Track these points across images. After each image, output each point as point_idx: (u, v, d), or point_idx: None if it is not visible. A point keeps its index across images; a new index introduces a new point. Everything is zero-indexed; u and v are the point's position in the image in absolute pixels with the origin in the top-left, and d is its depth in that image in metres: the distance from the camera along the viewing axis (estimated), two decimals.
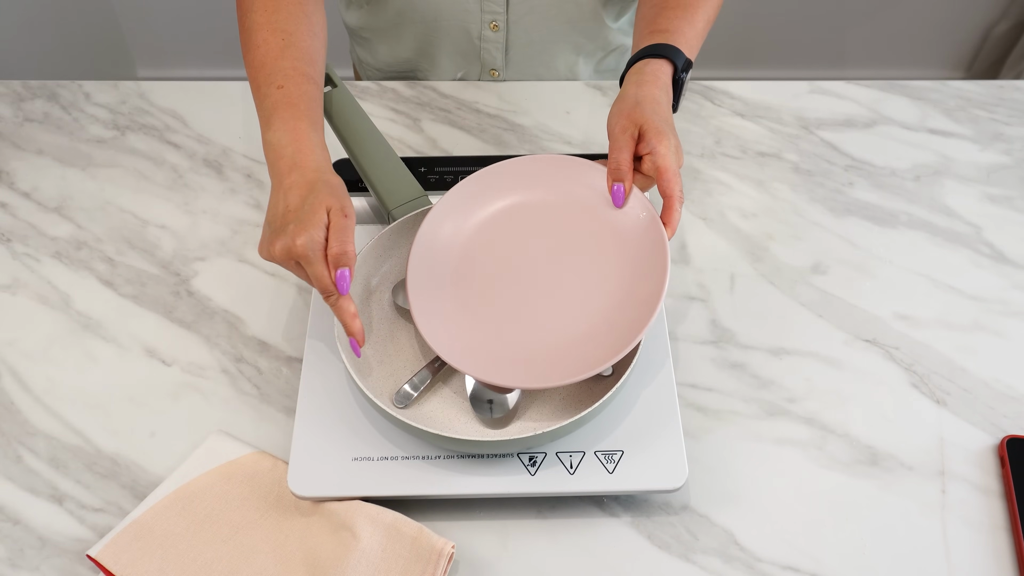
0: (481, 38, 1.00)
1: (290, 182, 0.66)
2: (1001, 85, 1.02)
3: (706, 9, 0.79)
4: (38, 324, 0.79)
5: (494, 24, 0.98)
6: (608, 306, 0.68)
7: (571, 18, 0.99)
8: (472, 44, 1.01)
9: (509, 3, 0.96)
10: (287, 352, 0.77)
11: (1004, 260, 0.85)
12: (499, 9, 0.97)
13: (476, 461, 0.66)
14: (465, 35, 1.00)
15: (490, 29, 0.99)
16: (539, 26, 0.99)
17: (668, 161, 0.67)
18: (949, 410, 0.74)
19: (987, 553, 0.66)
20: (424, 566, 0.62)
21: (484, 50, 1.01)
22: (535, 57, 1.03)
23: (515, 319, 0.69)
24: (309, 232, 0.62)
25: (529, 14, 0.98)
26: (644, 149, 0.69)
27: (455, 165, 0.86)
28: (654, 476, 0.65)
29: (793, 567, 0.65)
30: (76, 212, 0.87)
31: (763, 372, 0.76)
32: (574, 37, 1.01)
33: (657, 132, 0.68)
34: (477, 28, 0.99)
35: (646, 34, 0.77)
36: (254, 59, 0.72)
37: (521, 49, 1.02)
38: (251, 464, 0.68)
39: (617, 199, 0.70)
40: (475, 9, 0.97)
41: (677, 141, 0.69)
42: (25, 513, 0.67)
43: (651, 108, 0.70)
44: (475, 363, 0.67)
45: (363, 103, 0.96)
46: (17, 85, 0.99)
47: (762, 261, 0.84)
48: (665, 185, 0.67)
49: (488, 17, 0.98)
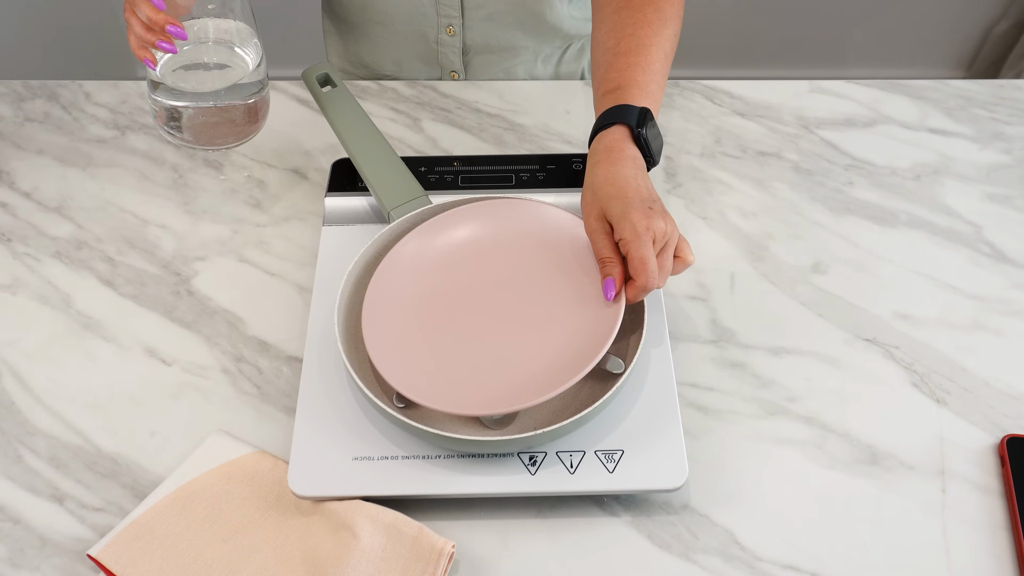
0: (438, 42, 1.00)
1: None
2: (1001, 85, 1.02)
3: (660, 44, 0.75)
4: (38, 324, 0.79)
5: (450, 28, 0.98)
6: (567, 331, 0.68)
7: (526, 24, 0.99)
8: (430, 47, 1.02)
9: (464, 8, 0.97)
10: (287, 352, 0.77)
11: (1004, 260, 0.85)
12: (455, 13, 0.97)
13: (476, 461, 0.66)
14: (422, 38, 1.01)
15: (446, 33, 0.99)
16: (495, 32, 1.00)
17: (632, 247, 0.64)
18: (949, 409, 0.74)
19: (987, 552, 0.66)
20: (424, 566, 0.62)
21: (442, 54, 1.02)
22: (496, 63, 1.04)
23: (473, 348, 0.69)
24: None
25: (486, 20, 0.98)
26: (616, 237, 0.67)
27: (455, 165, 0.86)
28: (654, 476, 0.65)
29: (793, 566, 0.65)
30: (76, 212, 0.87)
31: (763, 372, 0.76)
32: (530, 42, 1.02)
33: (618, 218, 0.65)
34: (434, 32, 1.00)
35: (599, 95, 0.74)
36: None
37: (478, 54, 1.02)
38: (251, 464, 0.68)
39: (608, 292, 0.66)
40: (431, 13, 0.97)
41: (647, 209, 0.65)
42: (25, 513, 0.67)
43: (607, 192, 0.67)
44: (428, 394, 0.65)
45: (363, 103, 0.96)
46: (17, 85, 0.99)
47: (762, 261, 0.84)
48: (632, 270, 0.65)
49: (444, 21, 0.98)
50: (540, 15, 0.98)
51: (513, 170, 0.86)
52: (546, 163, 0.87)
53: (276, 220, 0.87)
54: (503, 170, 0.86)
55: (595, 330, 0.66)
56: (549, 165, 0.86)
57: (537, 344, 0.68)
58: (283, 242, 0.85)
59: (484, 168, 0.86)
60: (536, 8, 0.97)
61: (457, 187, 0.84)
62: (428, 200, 0.78)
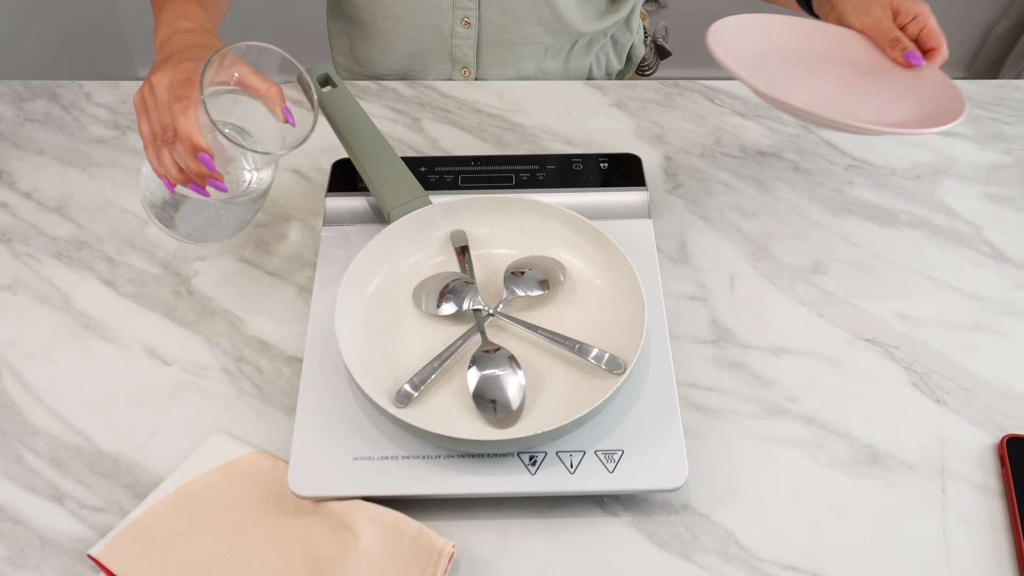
0: (453, 35, 1.00)
1: (184, 28, 0.71)
2: (1001, 85, 1.02)
3: None
4: (39, 324, 0.79)
5: (466, 20, 0.99)
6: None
7: (540, 17, 1.00)
8: (444, 41, 1.01)
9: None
10: (287, 352, 0.77)
11: (1004, 260, 0.85)
12: (471, 5, 0.97)
13: (476, 461, 0.66)
14: (437, 32, 1.01)
15: (462, 25, 0.99)
16: (508, 25, 1.00)
17: (930, 20, 0.81)
18: (949, 409, 0.74)
19: (987, 552, 0.66)
20: (424, 565, 0.62)
21: (456, 47, 1.02)
22: (505, 58, 1.04)
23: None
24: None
25: (500, 13, 0.99)
26: (905, 19, 0.81)
27: (455, 165, 0.87)
28: (654, 476, 0.65)
29: (793, 566, 0.65)
30: (77, 212, 0.87)
31: (763, 372, 0.76)
32: (542, 35, 1.02)
33: (911, 2, 0.82)
34: (449, 25, 1.00)
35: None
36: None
37: (492, 49, 1.03)
38: (251, 464, 0.68)
39: (915, 59, 0.80)
40: (447, 5, 0.98)
41: None
42: (26, 513, 0.67)
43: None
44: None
45: (363, 103, 0.96)
46: (18, 85, 0.99)
47: (762, 261, 0.84)
48: (935, 40, 0.80)
49: (460, 13, 0.98)
50: (554, 7, 0.98)
51: (513, 170, 0.86)
52: (546, 163, 0.87)
53: (276, 220, 0.87)
54: (503, 170, 0.86)
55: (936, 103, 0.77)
56: (549, 165, 0.86)
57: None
58: (283, 242, 0.85)
59: (484, 168, 0.86)
60: (550, 1, 0.98)
61: (457, 187, 0.84)
62: (428, 200, 0.78)
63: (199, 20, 0.74)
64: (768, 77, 0.78)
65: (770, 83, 0.74)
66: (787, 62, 0.82)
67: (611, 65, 1.13)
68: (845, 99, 0.80)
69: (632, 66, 1.17)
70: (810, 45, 0.84)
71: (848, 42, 0.84)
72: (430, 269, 0.78)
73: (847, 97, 0.80)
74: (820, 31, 0.85)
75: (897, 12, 0.82)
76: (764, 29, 0.83)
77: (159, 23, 0.75)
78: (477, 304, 0.73)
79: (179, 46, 0.70)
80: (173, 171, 0.67)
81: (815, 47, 0.84)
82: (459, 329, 0.73)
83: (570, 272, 0.77)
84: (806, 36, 0.85)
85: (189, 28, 0.73)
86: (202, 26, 0.74)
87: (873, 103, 0.80)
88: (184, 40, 0.71)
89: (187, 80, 0.65)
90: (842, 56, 0.84)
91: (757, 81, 0.73)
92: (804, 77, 0.81)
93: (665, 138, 0.95)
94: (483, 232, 0.80)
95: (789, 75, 0.81)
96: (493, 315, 0.73)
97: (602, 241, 0.76)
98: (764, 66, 0.80)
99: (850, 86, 0.81)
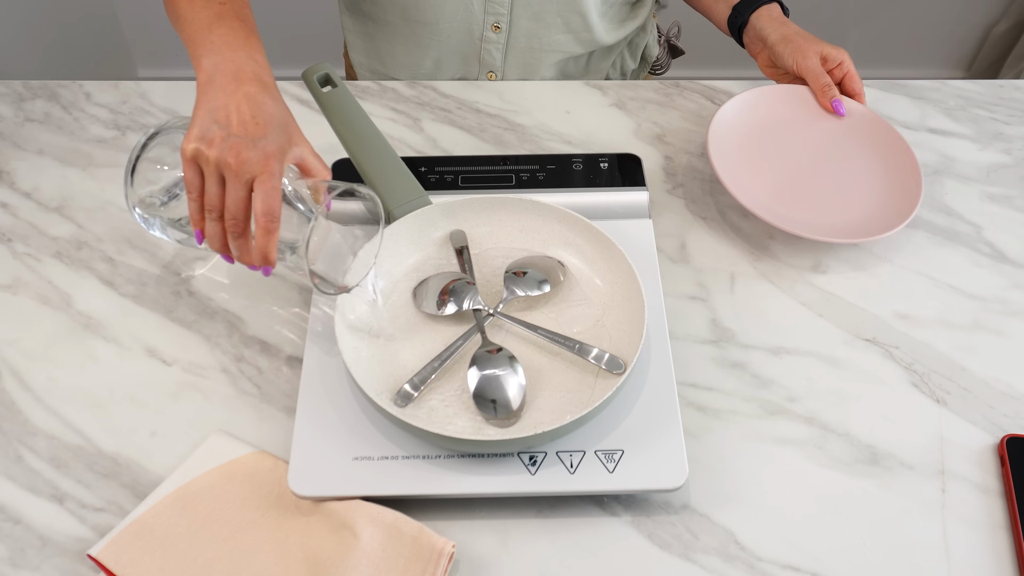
0: (483, 39, 1.00)
1: (253, 89, 0.67)
2: (1001, 85, 1.02)
3: None
4: (39, 324, 0.79)
5: (496, 25, 0.99)
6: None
7: (570, 23, 1.00)
8: (473, 44, 1.01)
9: (513, 4, 0.97)
10: (287, 351, 0.77)
11: (1004, 260, 0.85)
12: (503, 10, 0.97)
13: (476, 461, 0.66)
14: (467, 35, 1.00)
15: (492, 30, 0.99)
16: (538, 31, 1.00)
17: (851, 67, 0.91)
18: (949, 409, 0.74)
19: (987, 552, 0.66)
20: (424, 565, 0.62)
21: (484, 51, 1.01)
22: (530, 64, 1.04)
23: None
24: (294, 149, 0.65)
25: (532, 19, 0.99)
26: (831, 65, 0.91)
27: (455, 165, 0.87)
28: (654, 476, 0.65)
29: (793, 566, 0.65)
30: (77, 212, 0.87)
31: (763, 372, 0.76)
32: (572, 47, 1.02)
33: (836, 51, 0.91)
34: (479, 29, 0.99)
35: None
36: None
37: (519, 54, 1.02)
38: (251, 464, 0.68)
39: (839, 109, 0.90)
40: (479, 10, 0.97)
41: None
42: (26, 513, 0.67)
43: (808, 39, 0.92)
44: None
45: (363, 103, 0.96)
46: (18, 85, 0.99)
47: (762, 261, 0.84)
48: (857, 84, 0.91)
49: (491, 18, 0.98)
50: (585, 16, 0.99)
51: (513, 170, 0.86)
52: (546, 163, 0.87)
53: None
54: (503, 170, 0.86)
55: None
56: (549, 165, 0.86)
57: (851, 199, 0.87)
58: None
59: (484, 168, 0.86)
60: (580, 9, 0.98)
61: (457, 187, 0.84)
62: (428, 200, 0.78)
63: (264, 63, 0.69)
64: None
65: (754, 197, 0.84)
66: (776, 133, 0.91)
67: (626, 65, 1.13)
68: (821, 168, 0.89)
69: (646, 66, 1.17)
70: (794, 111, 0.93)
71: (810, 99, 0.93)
72: (430, 269, 0.78)
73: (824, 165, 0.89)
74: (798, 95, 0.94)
75: (825, 59, 0.91)
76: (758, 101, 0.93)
77: (209, 44, 0.69)
78: (477, 304, 0.73)
79: (257, 110, 0.65)
80: (217, 244, 0.67)
81: (798, 113, 0.93)
82: (459, 329, 0.73)
83: (570, 272, 0.77)
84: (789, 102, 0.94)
85: (260, 78, 0.67)
86: (271, 77, 0.69)
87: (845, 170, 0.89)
88: (259, 101, 0.66)
89: (275, 188, 0.63)
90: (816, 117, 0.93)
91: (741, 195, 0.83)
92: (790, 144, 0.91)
93: (665, 138, 0.95)
94: (483, 232, 0.80)
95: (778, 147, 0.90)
96: (493, 315, 0.73)
97: (602, 241, 0.76)
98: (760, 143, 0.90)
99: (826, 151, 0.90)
